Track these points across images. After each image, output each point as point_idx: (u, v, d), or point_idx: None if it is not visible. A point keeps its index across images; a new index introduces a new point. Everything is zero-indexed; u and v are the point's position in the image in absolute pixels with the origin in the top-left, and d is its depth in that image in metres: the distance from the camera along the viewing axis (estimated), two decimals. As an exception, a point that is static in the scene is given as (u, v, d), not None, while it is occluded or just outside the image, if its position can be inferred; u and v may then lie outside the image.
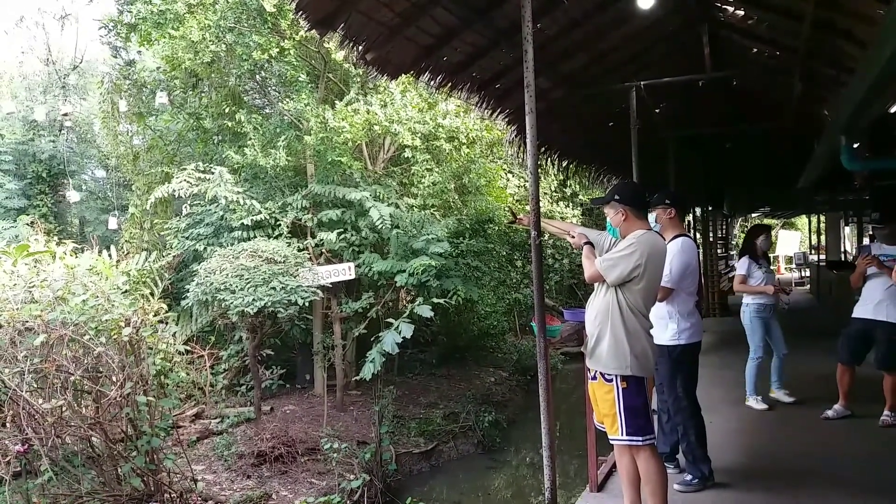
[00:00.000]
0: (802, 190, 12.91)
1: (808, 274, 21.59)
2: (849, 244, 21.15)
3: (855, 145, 7.14)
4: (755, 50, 7.71)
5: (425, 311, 8.18)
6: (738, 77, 8.41)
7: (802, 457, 5.18)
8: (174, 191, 9.32)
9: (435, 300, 8.50)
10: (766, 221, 32.57)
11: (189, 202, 9.83)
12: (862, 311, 5.88)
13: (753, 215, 26.20)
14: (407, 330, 7.92)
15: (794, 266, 25.31)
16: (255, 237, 9.34)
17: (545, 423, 4.37)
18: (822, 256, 19.50)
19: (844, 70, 6.65)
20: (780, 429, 6.00)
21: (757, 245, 6.62)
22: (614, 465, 4.48)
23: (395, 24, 5.14)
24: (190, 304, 8.77)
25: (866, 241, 9.89)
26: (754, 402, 6.60)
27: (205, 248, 9.67)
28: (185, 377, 9.13)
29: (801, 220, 29.16)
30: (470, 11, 5.31)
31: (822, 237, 20.52)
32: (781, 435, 5.83)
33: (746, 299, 6.67)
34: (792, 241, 27.12)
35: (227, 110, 10.20)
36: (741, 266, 6.66)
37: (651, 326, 3.64)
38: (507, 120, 7.47)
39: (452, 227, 9.88)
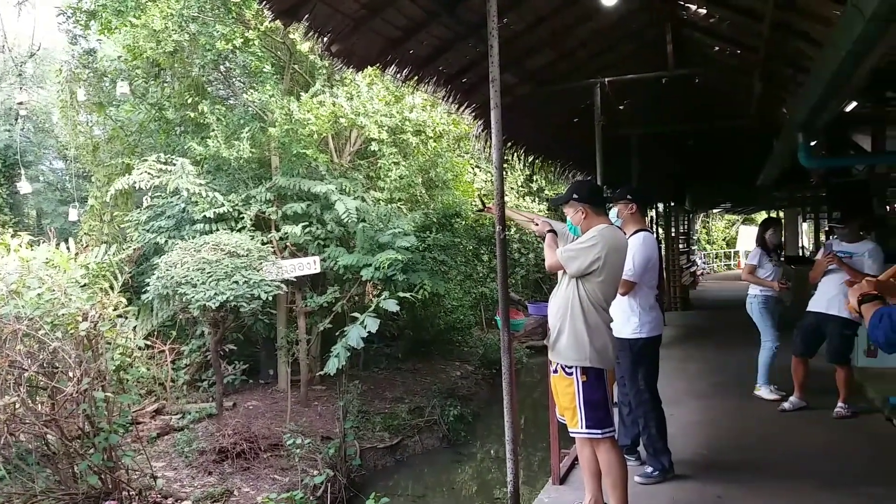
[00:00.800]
0: (762, 186, 13.20)
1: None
2: (806, 240, 21.70)
3: (812, 143, 7.32)
4: (717, 48, 7.83)
5: (391, 306, 8.16)
6: (700, 75, 8.53)
7: (761, 448, 5.31)
8: (135, 182, 9.11)
9: (401, 294, 8.48)
10: (728, 217, 33.32)
11: (150, 194, 9.62)
12: (816, 305, 6.05)
13: (715, 211, 26.71)
14: (372, 324, 7.89)
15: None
16: (217, 230, 9.18)
17: (508, 418, 4.40)
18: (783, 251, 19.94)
19: (802, 70, 6.80)
20: (739, 421, 6.14)
21: (766, 239, 6.76)
22: (576, 458, 4.53)
23: (361, 16, 5.10)
24: (150, 298, 8.60)
25: (824, 238, 10.14)
26: (766, 393, 6.64)
27: (166, 241, 9.50)
28: (146, 372, 8.97)
29: (762, 216, 29.77)
30: (437, 4, 5.30)
31: (782, 232, 20.97)
32: (740, 427, 5.96)
33: (753, 290, 6.78)
34: (752, 236, 27.68)
35: (189, 101, 10.01)
36: (752, 256, 6.82)
37: (611, 320, 3.69)
38: (473, 115, 7.47)
39: (419, 221, 9.88)
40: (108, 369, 6.18)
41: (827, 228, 8.90)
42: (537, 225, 3.95)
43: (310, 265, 9.16)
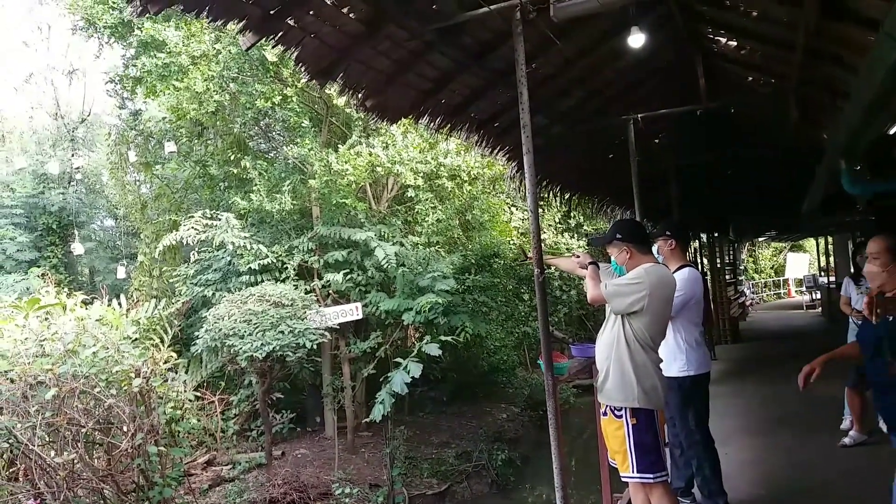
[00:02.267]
0: (807, 213, 12.91)
1: (818, 296, 21.42)
2: (853, 267, 20.96)
3: (856, 168, 7.17)
4: (750, 78, 7.80)
5: (433, 349, 8.17)
6: (734, 105, 8.49)
7: (822, 487, 5.10)
8: (182, 238, 9.43)
9: (443, 337, 8.49)
10: (774, 245, 32.57)
11: (197, 249, 9.93)
12: None
13: (760, 239, 26.16)
14: (416, 369, 7.90)
15: (804, 289, 25.13)
16: (262, 281, 9.41)
17: (557, 463, 4.35)
18: (832, 278, 19.37)
19: (839, 95, 6.73)
20: (798, 458, 5.92)
21: (857, 264, 6.65)
22: (629, 502, 4.43)
23: (393, 71, 5.24)
24: (199, 351, 8.80)
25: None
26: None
27: (213, 294, 9.74)
28: (196, 424, 9.11)
29: (809, 243, 29.05)
30: (465, 55, 5.42)
31: (831, 259, 20.42)
32: (799, 465, 5.74)
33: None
34: (801, 263, 26.96)
35: (232, 157, 10.38)
36: (842, 287, 6.71)
37: (660, 360, 3.63)
38: (507, 156, 7.55)
39: (458, 263, 9.94)
40: (161, 423, 6.32)
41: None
42: (578, 257, 3.94)
43: (352, 311, 9.27)
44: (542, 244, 4.63)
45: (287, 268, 9.75)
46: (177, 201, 12.22)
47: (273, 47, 4.44)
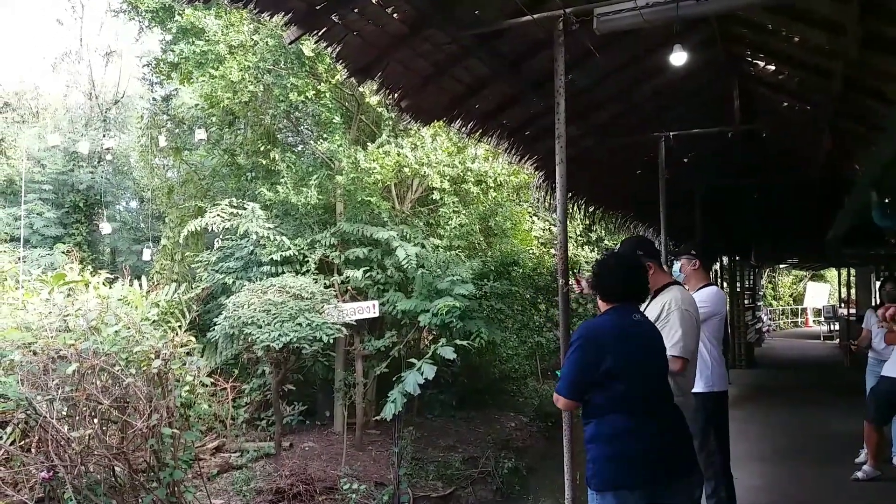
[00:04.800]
0: (831, 243, 12.79)
1: (836, 328, 21.18)
2: (878, 300, 20.71)
3: (886, 201, 7.12)
4: (785, 104, 7.77)
5: (448, 353, 8.18)
6: (767, 130, 8.44)
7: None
8: (207, 224, 9.52)
9: (458, 342, 8.50)
10: (795, 273, 32.21)
11: (221, 236, 10.02)
12: (891, 370, 5.78)
13: (781, 266, 25.90)
14: (429, 371, 7.91)
15: (822, 319, 24.85)
16: (283, 272, 9.48)
17: (568, 475, 4.36)
18: (853, 310, 19.14)
19: (873, 128, 6.68)
20: (809, 489, 5.88)
21: (883, 297, 6.61)
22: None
23: (430, 74, 5.29)
24: (216, 337, 8.89)
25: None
26: None
27: (233, 282, 9.83)
28: (207, 409, 9.20)
29: (831, 273, 28.71)
30: (502, 62, 5.46)
31: (853, 291, 20.18)
32: (809, 495, 5.71)
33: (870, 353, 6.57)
34: (821, 293, 26.67)
35: (261, 148, 10.47)
36: (864, 320, 6.66)
37: (690, 386, 3.60)
38: (535, 165, 7.57)
39: (477, 268, 9.94)
40: (176, 406, 6.38)
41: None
42: None
43: (369, 309, 9.31)
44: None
45: (308, 261, 9.80)
46: (203, 188, 12.35)
47: (315, 43, 4.50)
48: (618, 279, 3.01)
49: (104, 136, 16.73)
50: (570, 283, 4.42)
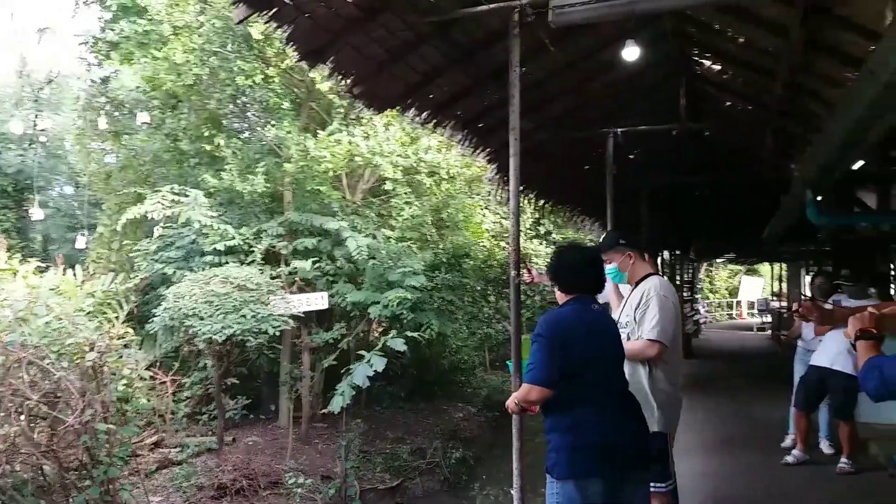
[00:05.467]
0: (767, 239, 13.24)
1: (769, 320, 22.01)
2: (809, 293, 21.60)
3: (819, 198, 7.37)
4: (729, 104, 7.95)
5: (399, 345, 8.12)
6: (711, 129, 8.64)
7: (767, 502, 5.24)
8: (147, 212, 9.17)
9: (409, 333, 8.44)
10: (731, 267, 33.36)
11: (162, 224, 9.66)
12: (819, 359, 5.99)
13: (718, 260, 26.72)
14: (379, 363, 7.84)
15: (755, 311, 25.80)
16: (227, 263, 9.20)
17: (517, 465, 4.36)
18: (784, 303, 19.93)
19: (812, 129, 6.91)
20: (744, 474, 6.06)
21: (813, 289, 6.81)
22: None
23: (384, 60, 5.20)
24: (155, 329, 8.58)
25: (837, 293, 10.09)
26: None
27: (174, 272, 9.49)
28: (146, 404, 8.90)
29: (764, 267, 29.82)
30: (458, 52, 5.40)
31: (784, 284, 21.00)
32: (745, 480, 5.89)
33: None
34: (755, 287, 27.68)
35: (206, 134, 10.13)
36: None
37: (677, 381, 3.63)
38: (488, 158, 7.55)
39: (429, 260, 9.90)
40: (112, 400, 6.13)
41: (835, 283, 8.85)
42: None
43: (318, 301, 9.15)
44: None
45: (254, 251, 9.55)
46: (143, 174, 11.87)
47: (265, 23, 4.35)
48: (576, 271, 3.02)
49: (36, 116, 15.93)
50: (521, 272, 4.42)
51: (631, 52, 5.50)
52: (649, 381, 3.41)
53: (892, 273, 10.60)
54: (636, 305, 3.44)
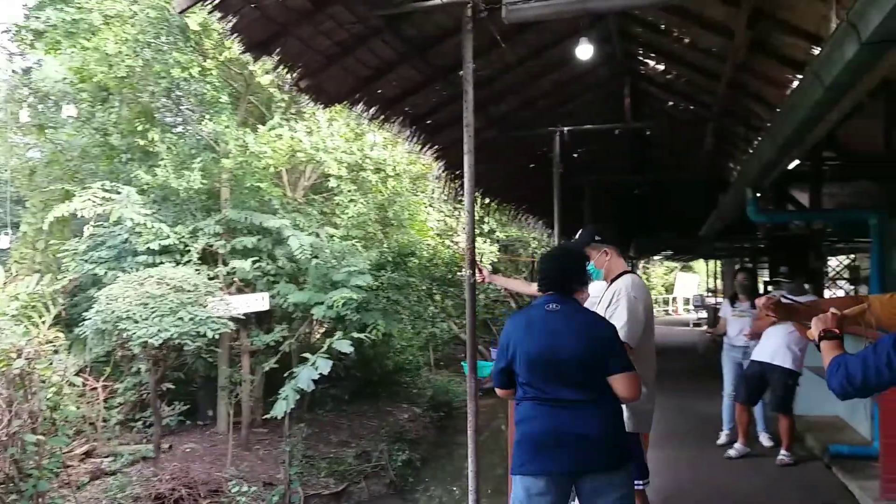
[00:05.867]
0: (705, 237, 13.62)
1: (704, 315, 22.70)
2: (734, 290, 22.37)
3: (758, 195, 7.58)
4: (671, 103, 8.10)
5: (345, 346, 7.95)
6: (654, 128, 8.79)
7: (712, 495, 5.34)
8: (75, 210, 8.69)
9: (356, 334, 8.27)
10: (667, 264, 34.30)
11: (92, 223, 9.18)
12: (760, 354, 6.14)
13: (656, 258, 27.41)
14: (325, 366, 7.65)
15: (691, 307, 26.58)
16: (162, 263, 8.82)
17: (472, 466, 4.29)
18: (719, 299, 20.57)
19: (753, 129, 7.11)
20: (689, 468, 6.16)
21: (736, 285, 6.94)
22: None
23: (333, 53, 5.04)
24: (86, 333, 8.14)
25: (762, 289, 10.44)
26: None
27: (105, 273, 9.04)
28: (75, 411, 8.46)
29: (699, 264, 30.76)
30: (408, 47, 5.29)
31: (719, 281, 21.68)
32: (690, 473, 5.98)
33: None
34: (690, 283, 28.54)
35: (139, 128, 9.68)
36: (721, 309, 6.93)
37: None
38: (436, 155, 7.46)
39: (375, 259, 9.74)
40: (41, 409, 5.77)
41: (773, 280, 9.15)
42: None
43: (259, 302, 8.88)
44: (456, 246, 4.59)
45: (190, 251, 9.18)
46: (70, 170, 11.26)
47: (209, 13, 4.14)
48: (541, 270, 3.06)
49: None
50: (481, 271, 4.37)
51: (584, 51, 5.51)
52: None
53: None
54: (608, 304, 3.40)
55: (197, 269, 8.89)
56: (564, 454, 2.69)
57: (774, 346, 5.99)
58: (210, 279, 8.82)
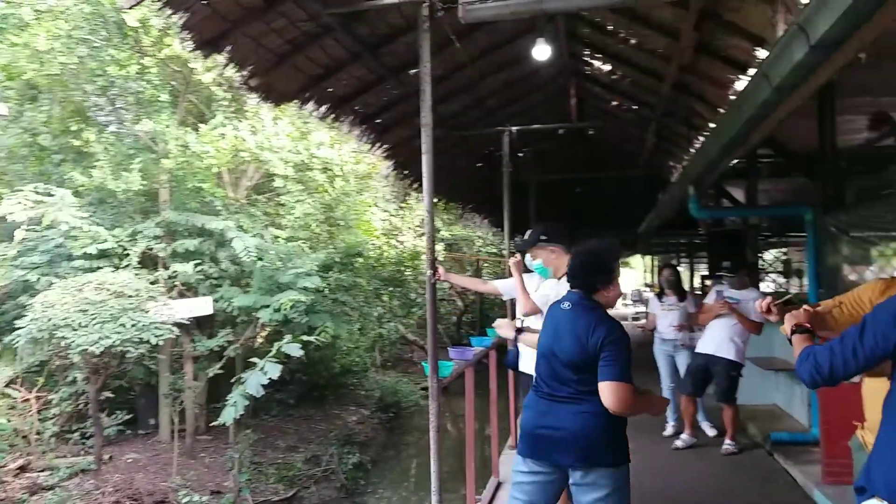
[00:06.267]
0: (643, 233, 14.00)
1: (643, 309, 23.31)
2: (659, 286, 23.10)
3: (697, 192, 7.83)
4: (616, 103, 8.28)
5: (294, 350, 7.79)
6: (598, 128, 8.96)
7: (659, 485, 5.47)
8: (4, 214, 8.25)
9: (305, 337, 8.12)
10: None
11: (25, 226, 8.71)
12: (704, 347, 6.34)
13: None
14: (274, 370, 7.48)
15: (629, 302, 27.25)
16: (99, 268, 8.46)
17: (434, 466, 4.28)
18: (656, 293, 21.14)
19: (694, 128, 7.34)
20: (639, 460, 6.28)
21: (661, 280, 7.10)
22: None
23: (284, 52, 4.93)
24: (17, 342, 7.74)
25: (699, 282, 10.81)
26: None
27: (38, 279, 8.61)
28: (7, 424, 8.04)
29: (636, 260, 31.56)
30: (360, 46, 5.23)
31: (656, 276, 22.28)
32: (639, 464, 6.10)
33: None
34: (628, 279, 29.27)
35: (72, 128, 9.25)
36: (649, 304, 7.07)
37: None
38: (385, 154, 7.41)
39: (322, 260, 9.59)
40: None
41: (715, 275, 9.45)
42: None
43: (202, 306, 8.64)
44: (401, 246, 4.59)
45: (129, 255, 8.85)
46: (-5, 171, 10.69)
47: (159, 9, 3.99)
48: (569, 265, 3.10)
49: None
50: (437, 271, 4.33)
51: (541, 51, 5.55)
52: None
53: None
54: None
55: (137, 274, 8.58)
56: (545, 445, 2.82)
57: (718, 339, 6.19)
58: (151, 284, 8.52)
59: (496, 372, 5.57)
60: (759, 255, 11.51)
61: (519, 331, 3.63)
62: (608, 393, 2.69)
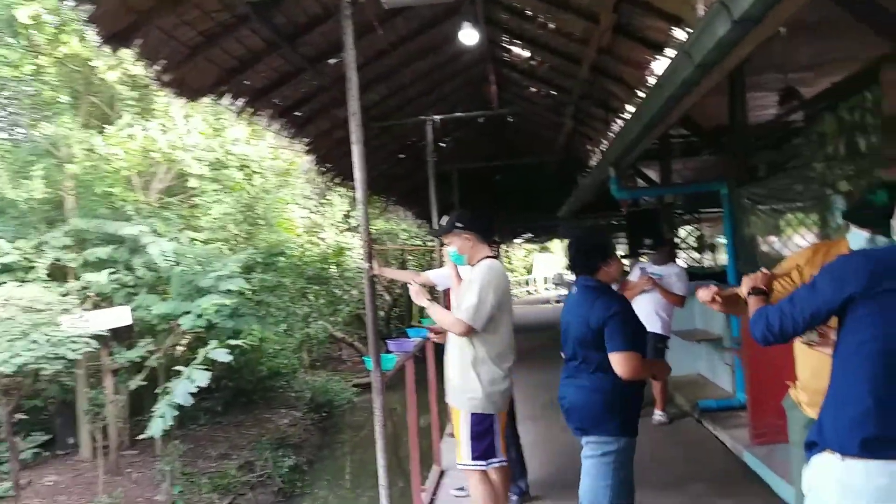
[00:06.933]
0: (563, 217, 14.31)
1: (564, 292, 23.88)
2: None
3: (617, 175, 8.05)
4: (534, 89, 8.40)
5: (221, 355, 7.52)
6: (517, 114, 9.08)
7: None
8: None
9: (232, 341, 7.84)
10: (526, 247, 35.76)
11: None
12: (650, 326, 6.53)
13: (517, 241, 28.43)
14: (202, 378, 7.20)
15: (550, 286, 27.91)
16: (3, 283, 7.89)
17: (381, 461, 4.23)
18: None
19: (611, 110, 7.53)
20: (570, 436, 6.43)
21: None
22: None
23: (197, 44, 4.72)
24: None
25: (634, 262, 11.08)
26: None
27: (-68, 299, 7.95)
28: None
29: (554, 244, 32.30)
30: (277, 35, 5.08)
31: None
32: (571, 440, 6.24)
33: None
34: (549, 263, 29.93)
35: (-38, 134, 8.57)
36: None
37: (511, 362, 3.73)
38: (307, 149, 7.24)
39: (243, 261, 9.27)
40: None
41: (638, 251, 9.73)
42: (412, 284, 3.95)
43: (120, 316, 8.19)
44: (324, 243, 4.49)
45: (35, 267, 8.28)
46: None
47: (61, 2, 3.72)
48: (568, 256, 3.43)
49: None
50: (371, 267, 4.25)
51: (468, 35, 5.53)
52: (474, 360, 3.52)
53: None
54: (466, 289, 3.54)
55: (46, 287, 8.04)
56: (564, 413, 3.33)
57: (644, 314, 6.34)
58: (63, 296, 8.01)
59: (434, 361, 5.55)
60: (675, 231, 11.97)
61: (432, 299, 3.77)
62: (617, 362, 3.02)
